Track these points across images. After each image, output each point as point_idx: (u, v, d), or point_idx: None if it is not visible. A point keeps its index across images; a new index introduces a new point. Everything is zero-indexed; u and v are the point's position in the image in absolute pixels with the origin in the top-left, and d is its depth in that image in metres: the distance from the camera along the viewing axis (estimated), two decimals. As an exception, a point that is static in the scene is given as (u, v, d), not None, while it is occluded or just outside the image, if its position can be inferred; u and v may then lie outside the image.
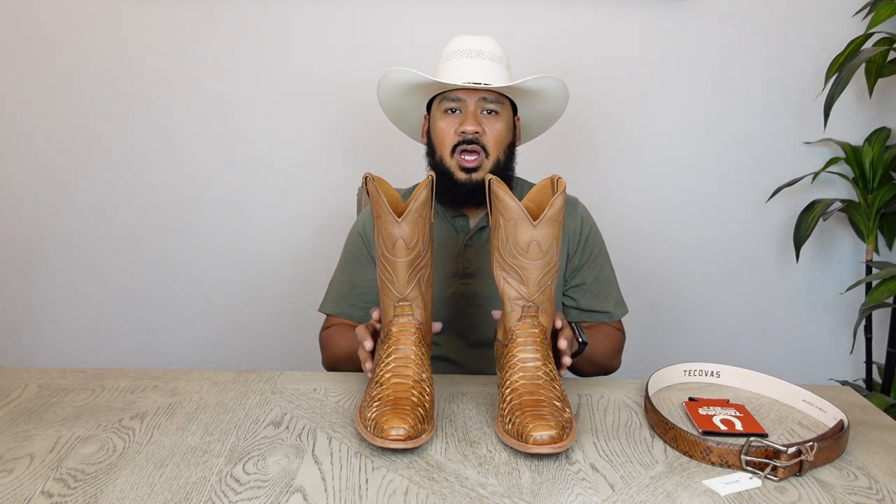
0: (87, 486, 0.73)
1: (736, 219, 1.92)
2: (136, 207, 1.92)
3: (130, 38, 1.83)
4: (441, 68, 1.17)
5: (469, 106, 1.13)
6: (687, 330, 1.98)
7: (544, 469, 0.78)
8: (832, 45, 1.80)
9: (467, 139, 1.12)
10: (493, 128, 1.14)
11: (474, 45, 1.16)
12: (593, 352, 1.14)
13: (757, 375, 1.02)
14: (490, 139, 1.14)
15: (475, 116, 1.13)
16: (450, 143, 1.14)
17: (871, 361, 1.79)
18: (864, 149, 1.77)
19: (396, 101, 1.23)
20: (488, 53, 1.15)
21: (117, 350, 1.99)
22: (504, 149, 1.16)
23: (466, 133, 1.12)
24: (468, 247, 1.21)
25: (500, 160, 1.15)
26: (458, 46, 1.16)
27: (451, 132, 1.14)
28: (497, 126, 1.15)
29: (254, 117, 1.87)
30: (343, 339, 1.17)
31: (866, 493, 0.75)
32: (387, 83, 1.18)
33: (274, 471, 0.77)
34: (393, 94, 1.21)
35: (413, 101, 1.22)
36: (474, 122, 1.12)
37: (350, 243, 1.26)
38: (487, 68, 1.14)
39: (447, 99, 1.15)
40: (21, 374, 1.03)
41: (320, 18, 1.82)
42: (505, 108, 1.16)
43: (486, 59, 1.15)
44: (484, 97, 1.13)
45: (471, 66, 1.14)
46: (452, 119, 1.15)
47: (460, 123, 1.13)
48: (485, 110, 1.14)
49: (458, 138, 1.13)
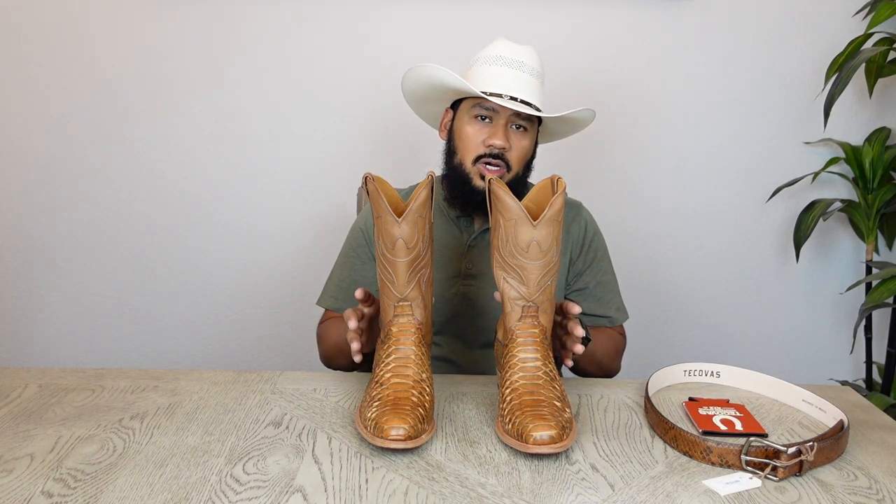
0: (87, 486, 0.73)
1: (736, 219, 1.92)
2: (136, 207, 1.92)
3: (130, 39, 1.83)
4: (479, 71, 1.13)
5: (500, 118, 1.11)
6: (687, 330, 1.98)
7: (544, 469, 0.78)
8: (832, 45, 1.80)
9: (493, 153, 1.11)
10: (520, 144, 1.13)
11: (516, 55, 1.12)
12: (596, 350, 1.14)
13: (757, 375, 1.02)
14: (515, 155, 1.13)
15: (505, 131, 1.11)
16: (474, 152, 1.13)
17: (871, 361, 1.79)
18: (864, 149, 1.77)
19: (422, 92, 1.19)
20: (529, 67, 1.13)
21: (117, 350, 1.99)
22: (525, 163, 1.16)
23: (494, 147, 1.11)
24: (472, 248, 1.20)
25: (520, 174, 1.15)
26: (500, 52, 1.13)
27: (478, 140, 1.12)
28: (524, 143, 1.13)
29: (254, 117, 1.87)
30: (335, 331, 1.17)
31: (866, 493, 0.75)
32: (420, 76, 1.15)
33: (274, 471, 0.77)
34: (421, 85, 1.18)
35: (440, 93, 1.18)
36: (504, 138, 1.10)
37: (351, 238, 1.26)
38: (527, 83, 1.11)
39: (480, 106, 1.12)
40: (21, 374, 1.03)
41: (321, 18, 1.82)
42: (533, 126, 1.15)
43: (526, 72, 1.12)
44: (517, 113, 1.11)
45: (512, 77, 1.11)
46: (481, 127, 1.12)
47: (489, 135, 1.11)
48: (514, 125, 1.12)
49: (485, 150, 1.12)
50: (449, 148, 1.18)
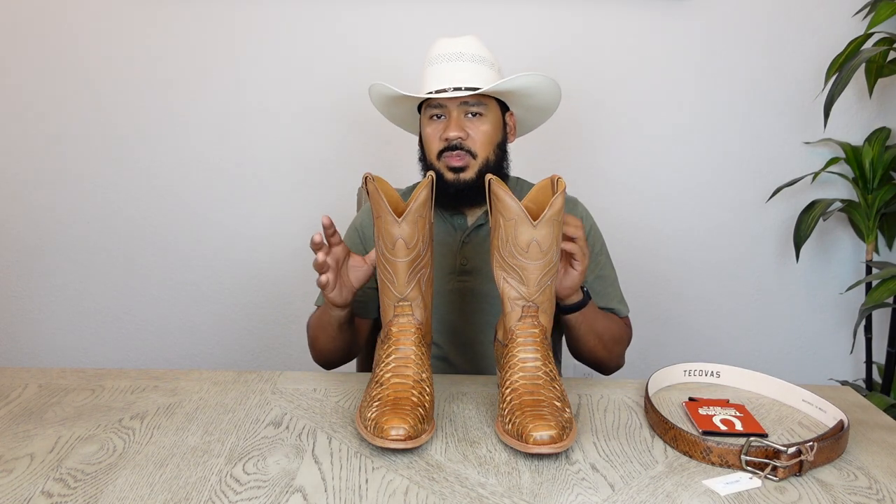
0: (87, 486, 0.73)
1: (736, 219, 1.92)
2: (136, 208, 1.92)
3: (131, 41, 1.83)
4: (425, 73, 1.18)
5: (451, 111, 1.14)
6: (687, 329, 1.98)
7: (544, 469, 0.78)
8: (832, 45, 1.80)
9: (451, 145, 1.13)
10: (479, 130, 1.15)
11: (454, 48, 1.16)
12: (596, 319, 1.13)
13: (757, 375, 1.02)
14: (476, 142, 1.14)
15: (458, 121, 1.14)
16: (436, 149, 1.16)
17: (871, 361, 1.79)
18: (864, 149, 1.77)
19: (388, 109, 1.26)
20: (469, 55, 1.15)
21: (117, 350, 1.99)
22: (493, 148, 1.16)
23: (450, 139, 1.13)
24: (465, 244, 1.21)
25: (490, 160, 1.16)
26: (438, 51, 1.17)
27: (436, 138, 1.16)
28: (482, 128, 1.15)
29: (254, 118, 1.87)
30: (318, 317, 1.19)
31: (866, 493, 0.75)
32: (374, 95, 1.21)
33: (274, 471, 0.77)
34: (383, 103, 1.24)
35: (405, 107, 1.23)
36: (457, 128, 1.13)
37: (346, 238, 1.28)
38: (468, 70, 1.14)
39: (430, 106, 1.16)
40: (21, 374, 1.03)
41: (320, 18, 1.82)
42: (490, 109, 1.16)
43: (466, 60, 1.15)
44: (465, 101, 1.13)
45: (451, 69, 1.14)
46: (437, 125, 1.16)
47: (444, 129, 1.14)
48: (468, 113, 1.15)
49: (443, 144, 1.14)
50: (422, 155, 1.22)
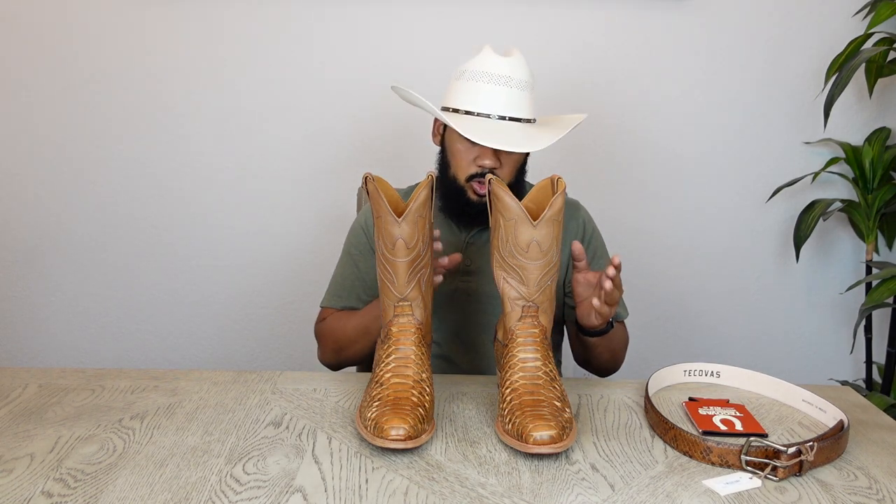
0: (87, 486, 0.73)
1: (736, 219, 1.92)
2: (136, 208, 1.92)
3: (132, 40, 1.83)
4: (465, 87, 1.09)
5: None
6: (687, 330, 1.98)
7: (544, 469, 0.78)
8: (832, 45, 1.80)
9: (484, 171, 1.10)
10: (511, 159, 1.12)
11: (503, 70, 1.07)
12: (612, 337, 1.13)
13: (757, 375, 1.02)
14: (506, 172, 1.12)
15: (494, 150, 1.09)
16: (466, 171, 1.12)
17: (871, 361, 1.79)
18: (864, 149, 1.77)
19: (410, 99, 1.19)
20: (517, 80, 1.07)
21: (117, 350, 1.99)
22: (517, 168, 1.15)
23: (484, 167, 1.10)
24: (470, 244, 1.21)
25: (513, 180, 1.14)
26: (485, 67, 1.08)
27: (468, 159, 1.11)
28: (514, 156, 1.12)
29: (253, 118, 1.87)
30: (351, 319, 1.16)
31: (866, 493, 0.75)
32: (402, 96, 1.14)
33: (274, 471, 0.77)
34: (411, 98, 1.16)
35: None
36: (493, 158, 1.09)
37: (352, 236, 1.27)
38: (515, 99, 1.07)
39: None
40: (21, 374, 1.03)
41: (324, 19, 1.82)
42: None
43: (514, 86, 1.07)
44: None
45: (498, 94, 1.06)
46: (471, 145, 1.10)
47: (479, 155, 1.10)
48: None
49: (475, 170, 1.11)
50: (443, 158, 1.18)
